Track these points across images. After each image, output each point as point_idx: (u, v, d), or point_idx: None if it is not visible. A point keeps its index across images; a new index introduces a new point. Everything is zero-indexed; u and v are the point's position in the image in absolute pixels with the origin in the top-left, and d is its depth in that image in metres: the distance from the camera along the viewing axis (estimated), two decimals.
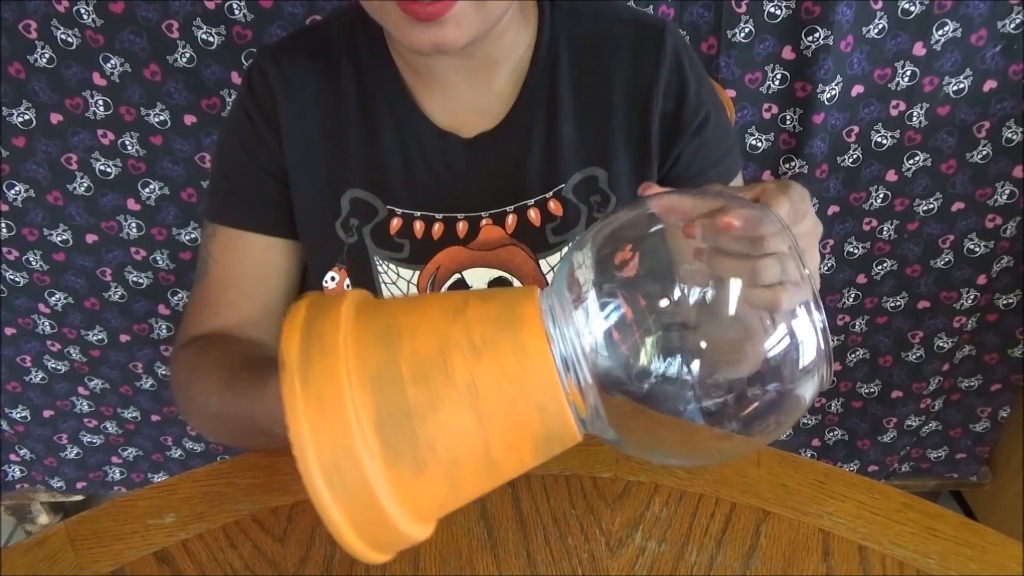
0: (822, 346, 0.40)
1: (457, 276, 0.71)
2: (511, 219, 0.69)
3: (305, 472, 0.36)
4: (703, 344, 0.40)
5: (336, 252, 0.71)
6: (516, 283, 0.71)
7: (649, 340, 0.39)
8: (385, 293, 0.71)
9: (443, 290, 0.71)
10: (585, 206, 0.69)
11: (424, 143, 0.69)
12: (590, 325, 0.39)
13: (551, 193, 0.69)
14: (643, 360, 0.39)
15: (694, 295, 0.40)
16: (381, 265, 0.70)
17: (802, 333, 0.40)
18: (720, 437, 0.42)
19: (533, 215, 0.69)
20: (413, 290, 0.71)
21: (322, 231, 0.70)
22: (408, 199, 0.69)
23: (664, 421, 0.41)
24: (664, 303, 0.40)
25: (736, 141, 0.88)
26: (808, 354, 0.40)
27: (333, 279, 0.72)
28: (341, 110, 0.69)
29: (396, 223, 0.69)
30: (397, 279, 0.71)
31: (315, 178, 0.70)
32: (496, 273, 0.71)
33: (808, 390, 0.41)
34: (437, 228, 0.69)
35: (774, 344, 0.40)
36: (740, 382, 0.41)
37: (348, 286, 0.72)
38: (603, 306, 0.40)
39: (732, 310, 0.41)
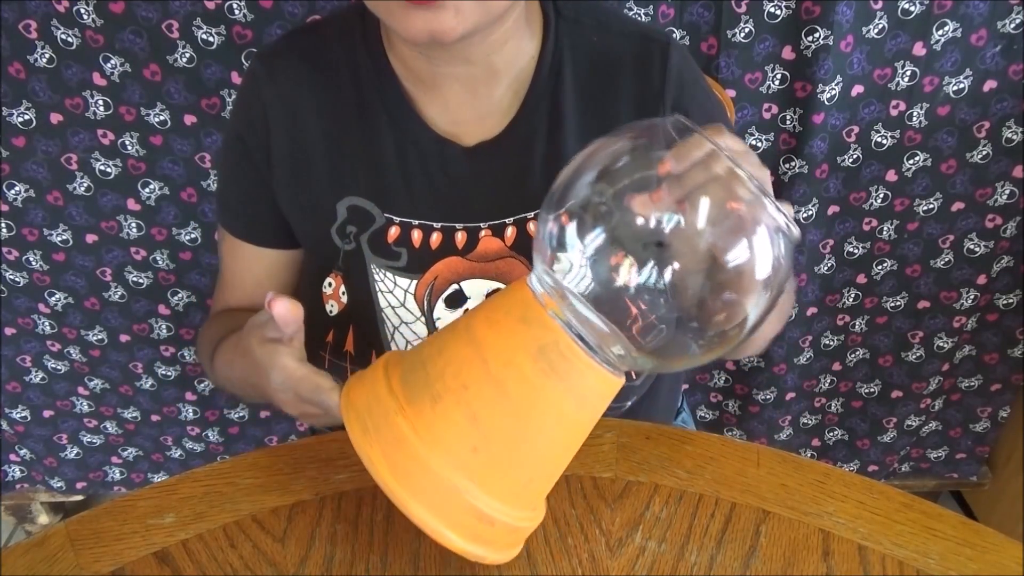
0: (774, 214, 0.45)
1: (455, 287, 0.70)
2: (510, 231, 0.68)
3: (345, 417, 0.48)
4: (672, 257, 0.46)
5: (332, 259, 0.70)
6: None
7: (626, 259, 0.46)
8: (381, 302, 0.70)
9: (441, 300, 0.70)
10: None
11: (423, 149, 0.68)
12: (570, 255, 0.47)
13: None
14: (622, 276, 0.46)
15: (661, 216, 0.46)
16: (378, 273, 0.70)
17: (760, 239, 0.46)
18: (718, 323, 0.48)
19: (533, 228, 0.68)
20: (410, 299, 0.70)
21: (318, 237, 0.70)
22: (406, 207, 0.68)
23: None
24: (639, 221, 0.46)
25: None
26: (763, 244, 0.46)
27: (330, 285, 0.72)
28: (339, 116, 0.68)
29: (394, 231, 0.69)
30: (394, 288, 0.70)
31: (311, 184, 0.69)
32: (494, 285, 0.70)
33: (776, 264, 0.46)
34: (435, 238, 0.69)
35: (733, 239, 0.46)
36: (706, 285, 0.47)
37: (344, 293, 0.71)
38: (579, 232, 0.47)
39: (699, 223, 0.46)
